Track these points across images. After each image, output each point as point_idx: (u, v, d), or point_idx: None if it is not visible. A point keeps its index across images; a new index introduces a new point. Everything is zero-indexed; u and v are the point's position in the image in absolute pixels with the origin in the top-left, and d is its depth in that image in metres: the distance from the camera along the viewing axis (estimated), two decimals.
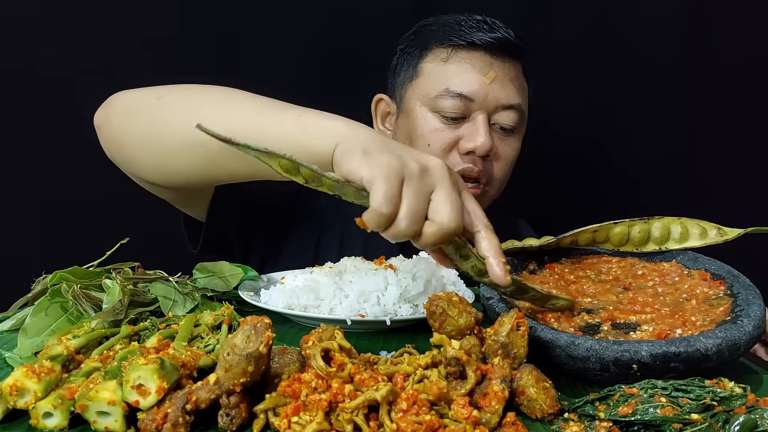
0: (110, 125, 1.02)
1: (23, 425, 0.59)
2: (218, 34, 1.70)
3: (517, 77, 1.27)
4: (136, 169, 1.03)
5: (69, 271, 0.87)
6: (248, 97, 0.92)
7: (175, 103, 0.95)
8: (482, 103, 1.22)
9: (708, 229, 0.95)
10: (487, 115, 1.23)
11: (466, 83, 1.22)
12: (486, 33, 1.23)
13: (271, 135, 0.83)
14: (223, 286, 0.96)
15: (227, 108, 0.91)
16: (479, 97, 1.22)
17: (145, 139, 0.97)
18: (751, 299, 0.79)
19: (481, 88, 1.22)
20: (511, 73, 1.26)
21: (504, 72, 1.25)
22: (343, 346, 0.63)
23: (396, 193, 0.70)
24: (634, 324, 0.79)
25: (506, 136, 1.27)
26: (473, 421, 0.56)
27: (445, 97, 1.22)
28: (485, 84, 1.22)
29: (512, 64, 1.27)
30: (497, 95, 1.23)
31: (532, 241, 0.97)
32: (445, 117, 1.23)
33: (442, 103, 1.23)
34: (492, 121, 1.24)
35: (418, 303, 0.90)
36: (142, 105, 0.98)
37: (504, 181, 1.31)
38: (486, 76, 1.22)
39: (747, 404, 0.60)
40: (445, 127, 1.24)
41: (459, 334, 0.70)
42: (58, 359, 0.64)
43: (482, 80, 1.22)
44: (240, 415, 0.58)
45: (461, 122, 1.24)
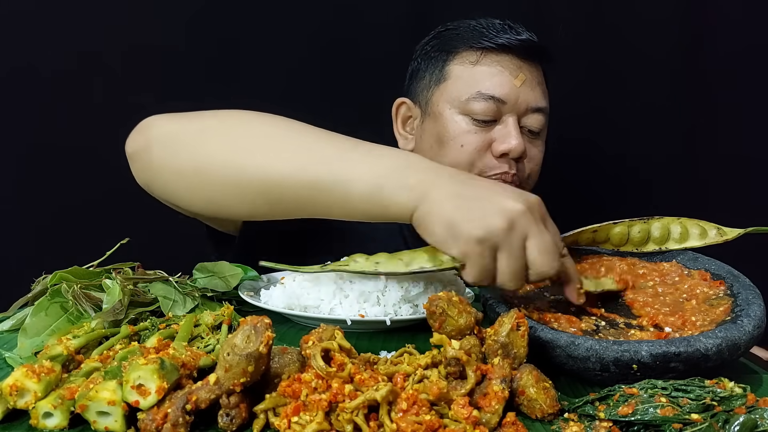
0: (148, 155, 0.96)
1: (23, 425, 0.59)
2: (219, 34, 1.70)
3: (542, 80, 1.28)
4: (177, 201, 0.99)
5: (69, 271, 0.87)
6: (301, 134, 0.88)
7: (217, 138, 0.91)
8: (513, 105, 1.22)
9: (708, 229, 0.95)
10: (517, 118, 1.23)
11: (497, 86, 1.22)
12: (513, 35, 1.23)
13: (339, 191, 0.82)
14: (223, 286, 0.96)
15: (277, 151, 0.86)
16: (511, 100, 1.22)
17: (188, 173, 0.92)
18: (751, 299, 0.79)
19: (512, 90, 1.22)
20: (538, 76, 1.27)
21: (532, 75, 1.25)
22: (343, 346, 0.63)
23: (489, 266, 0.77)
24: (634, 324, 0.79)
25: (533, 138, 1.27)
26: (473, 421, 0.56)
27: (477, 100, 1.22)
28: (516, 86, 1.22)
29: (538, 68, 1.28)
30: (527, 98, 1.23)
31: None
32: (476, 120, 1.23)
33: (474, 105, 1.22)
34: (521, 123, 1.24)
35: (418, 303, 0.90)
36: (183, 137, 0.94)
37: (534, 184, 1.31)
38: (516, 78, 1.22)
39: (747, 404, 0.60)
40: (478, 129, 1.23)
41: (459, 334, 0.70)
42: (58, 359, 0.64)
43: (513, 82, 1.22)
44: (240, 415, 0.58)
45: (492, 125, 1.23)
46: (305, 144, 0.88)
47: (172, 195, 0.98)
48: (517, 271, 0.77)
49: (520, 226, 0.77)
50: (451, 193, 0.79)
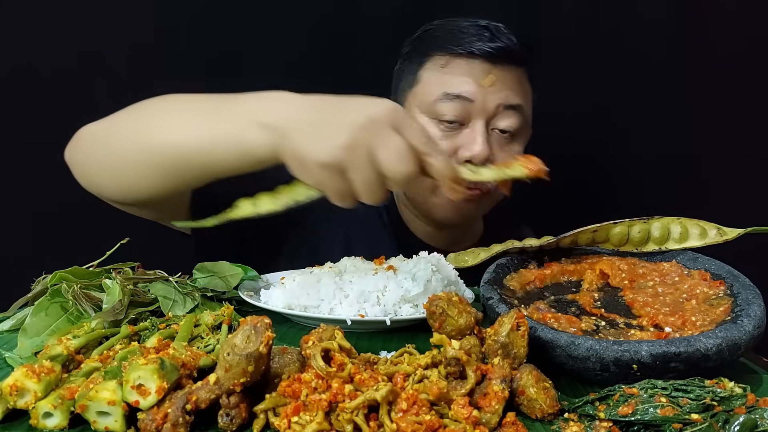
0: (76, 158, 1.06)
1: (23, 425, 0.59)
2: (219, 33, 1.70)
3: (518, 81, 1.25)
4: (104, 193, 1.06)
5: (69, 271, 0.87)
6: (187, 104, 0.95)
7: (123, 126, 0.99)
8: (481, 105, 1.20)
9: (708, 229, 0.95)
10: (486, 121, 1.21)
11: (463, 85, 1.21)
12: (485, 42, 1.21)
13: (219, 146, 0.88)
14: (223, 286, 0.96)
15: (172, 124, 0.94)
16: (478, 99, 1.20)
17: (104, 164, 1.01)
18: (751, 299, 0.79)
19: (480, 90, 1.20)
20: (511, 77, 1.24)
21: (503, 76, 1.23)
22: (343, 346, 0.63)
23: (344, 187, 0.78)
24: (634, 324, 0.79)
25: (507, 141, 1.24)
26: (473, 421, 0.56)
27: (443, 101, 1.21)
28: (483, 87, 1.20)
29: (513, 70, 1.25)
30: (496, 97, 1.21)
31: (532, 241, 0.97)
32: (444, 123, 1.21)
33: (441, 107, 1.21)
34: (491, 125, 1.22)
35: (418, 303, 0.90)
36: (98, 133, 1.02)
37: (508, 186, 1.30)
38: (485, 79, 1.20)
39: (747, 404, 0.60)
40: (446, 136, 1.22)
41: (459, 334, 0.70)
42: (58, 359, 0.64)
43: (480, 83, 1.20)
44: (240, 415, 0.58)
45: (460, 129, 1.22)
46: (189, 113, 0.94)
47: (101, 189, 1.05)
48: (373, 185, 0.78)
49: (362, 140, 0.76)
50: (301, 122, 0.81)
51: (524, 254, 0.98)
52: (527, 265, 0.95)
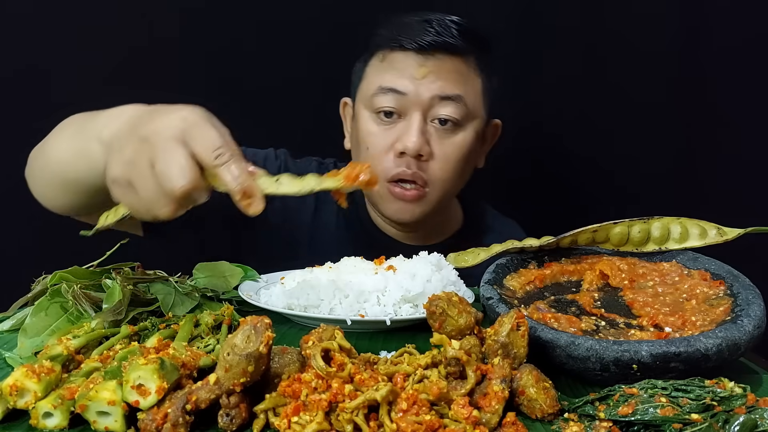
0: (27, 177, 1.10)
1: (23, 425, 0.59)
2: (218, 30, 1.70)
3: (457, 71, 1.24)
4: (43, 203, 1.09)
5: (69, 271, 0.87)
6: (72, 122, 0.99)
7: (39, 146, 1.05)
8: (416, 96, 1.21)
9: (708, 229, 0.95)
10: (423, 113, 1.21)
11: (397, 78, 1.22)
12: (419, 36, 1.21)
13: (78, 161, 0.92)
14: (223, 286, 0.96)
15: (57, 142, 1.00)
16: (411, 91, 1.20)
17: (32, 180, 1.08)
18: (751, 299, 0.79)
19: (413, 82, 1.21)
20: (448, 67, 1.23)
21: (440, 67, 1.22)
22: (343, 346, 0.63)
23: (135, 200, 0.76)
24: (634, 324, 0.79)
25: (447, 132, 1.23)
26: (473, 421, 0.56)
27: (378, 94, 1.22)
28: (417, 79, 1.21)
29: (452, 60, 1.24)
30: (431, 87, 1.21)
31: (532, 241, 0.97)
32: (382, 117, 1.22)
33: (377, 100, 1.22)
34: (430, 117, 1.22)
35: (418, 303, 0.90)
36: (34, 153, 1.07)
37: (450, 181, 1.26)
38: (417, 71, 1.21)
39: (747, 404, 0.60)
40: (381, 130, 1.23)
41: (459, 334, 0.70)
42: (58, 359, 0.64)
43: (413, 77, 1.21)
44: (240, 415, 0.58)
45: (397, 122, 1.22)
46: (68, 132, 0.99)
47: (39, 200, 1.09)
48: (154, 198, 0.74)
49: (141, 154, 0.74)
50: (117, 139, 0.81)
51: (524, 254, 0.98)
52: (527, 265, 0.95)
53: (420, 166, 1.22)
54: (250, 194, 0.73)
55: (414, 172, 1.21)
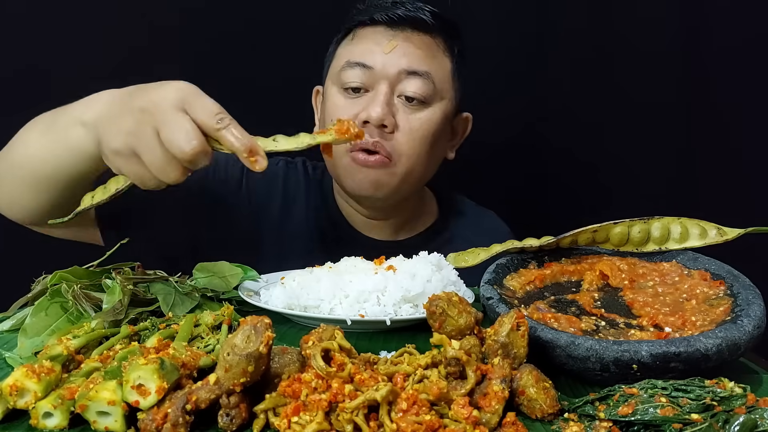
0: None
1: (23, 425, 0.59)
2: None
3: (426, 48, 1.24)
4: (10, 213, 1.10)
5: (69, 271, 0.87)
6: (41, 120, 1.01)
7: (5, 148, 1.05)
8: (382, 70, 1.20)
9: (708, 229, 0.95)
10: (390, 86, 1.21)
11: (365, 53, 1.22)
12: (388, 10, 1.23)
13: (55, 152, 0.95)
14: (223, 286, 0.96)
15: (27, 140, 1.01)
16: (378, 64, 1.20)
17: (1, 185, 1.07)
18: (751, 299, 0.79)
19: (380, 56, 1.21)
20: (417, 43, 1.23)
21: (408, 42, 1.22)
22: (343, 346, 0.63)
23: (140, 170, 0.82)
24: (634, 324, 0.79)
25: (414, 108, 1.22)
26: (473, 421, 0.56)
27: (345, 69, 1.22)
28: (384, 53, 1.20)
29: (420, 37, 1.24)
30: (398, 62, 1.20)
31: (532, 241, 0.97)
32: (349, 91, 1.22)
33: (345, 75, 1.22)
34: (397, 92, 1.22)
35: (418, 303, 0.90)
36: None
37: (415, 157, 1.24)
38: (385, 45, 1.21)
39: (747, 404, 0.60)
40: (348, 102, 1.22)
41: (459, 334, 0.70)
42: (58, 359, 0.64)
43: (382, 49, 1.21)
44: (240, 415, 0.58)
45: (364, 95, 1.22)
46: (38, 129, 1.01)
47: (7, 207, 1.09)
48: (162, 164, 0.80)
49: (145, 123, 0.80)
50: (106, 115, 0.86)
51: (524, 254, 0.98)
52: (527, 265, 0.95)
53: (383, 136, 1.20)
54: (254, 152, 0.80)
55: (376, 141, 1.19)
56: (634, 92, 1.81)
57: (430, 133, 1.24)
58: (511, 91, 1.78)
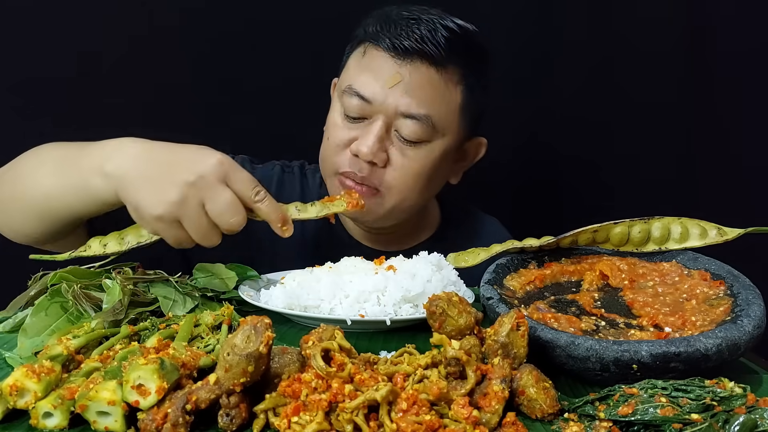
0: None
1: (23, 425, 0.59)
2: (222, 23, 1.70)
3: (431, 86, 1.15)
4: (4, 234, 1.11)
5: (69, 271, 0.87)
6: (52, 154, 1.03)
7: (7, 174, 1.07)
8: (380, 106, 1.14)
9: (708, 229, 0.95)
10: (386, 122, 1.15)
11: (367, 84, 1.15)
12: (400, 38, 1.14)
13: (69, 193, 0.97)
14: (222, 286, 0.96)
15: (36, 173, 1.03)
16: (377, 101, 1.14)
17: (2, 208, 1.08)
18: (751, 299, 0.79)
19: (381, 91, 1.14)
20: (422, 80, 1.14)
21: (413, 78, 1.14)
22: (343, 346, 0.63)
23: (180, 234, 0.89)
24: (634, 324, 0.79)
25: (409, 146, 1.16)
26: (473, 421, 0.56)
27: (347, 94, 1.17)
28: (386, 88, 1.14)
29: (428, 71, 1.15)
30: (397, 102, 1.13)
31: (532, 241, 0.97)
32: (348, 115, 1.18)
33: (345, 100, 1.18)
34: (393, 127, 1.16)
35: (418, 303, 0.90)
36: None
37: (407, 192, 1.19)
38: (388, 79, 1.14)
39: (747, 404, 0.60)
40: (345, 125, 1.18)
41: (459, 334, 0.70)
42: (58, 359, 0.64)
43: (384, 84, 1.14)
44: (240, 415, 0.58)
45: (362, 122, 1.17)
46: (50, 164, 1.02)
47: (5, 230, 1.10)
48: (206, 232, 0.89)
49: (192, 196, 0.87)
50: (137, 173, 0.90)
51: (524, 254, 0.98)
52: (527, 265, 0.95)
53: (373, 172, 1.17)
54: (286, 221, 0.93)
55: (364, 176, 1.16)
56: (635, 93, 1.81)
57: (426, 169, 1.19)
58: (515, 94, 1.78)
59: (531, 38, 1.78)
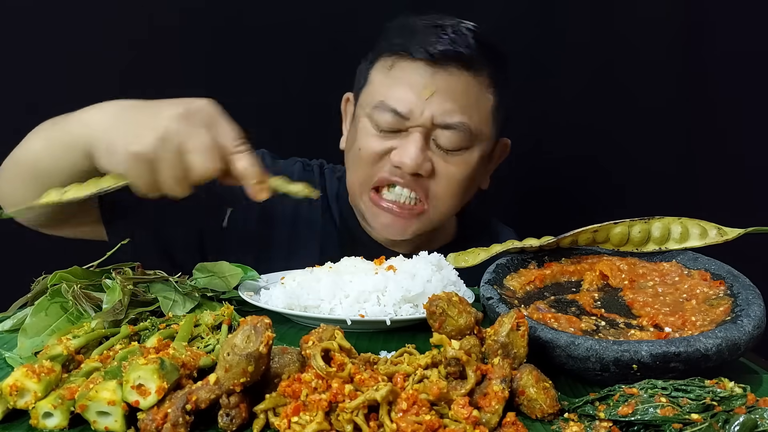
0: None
1: (23, 425, 0.59)
2: None
3: (465, 92, 1.15)
4: None
5: (69, 271, 0.87)
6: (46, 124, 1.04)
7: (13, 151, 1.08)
8: (417, 119, 1.13)
9: (708, 229, 0.95)
10: (425, 134, 1.14)
11: (401, 99, 1.14)
12: (430, 44, 1.12)
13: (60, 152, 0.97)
14: (223, 286, 0.96)
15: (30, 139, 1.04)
16: (414, 115, 1.13)
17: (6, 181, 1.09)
18: (751, 299, 0.79)
19: (417, 104, 1.13)
20: (457, 87, 1.14)
21: (448, 85, 1.13)
22: (343, 346, 0.63)
23: (150, 177, 0.84)
24: (634, 324, 0.79)
25: (450, 155, 1.16)
26: (473, 421, 0.56)
27: (380, 110, 1.15)
28: (422, 99, 1.13)
29: (462, 77, 1.15)
30: (434, 112, 1.13)
31: (532, 241, 0.97)
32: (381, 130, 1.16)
33: (378, 116, 1.15)
34: (432, 137, 1.15)
35: (418, 303, 0.90)
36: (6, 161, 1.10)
37: (451, 201, 1.21)
38: (424, 89, 1.13)
39: (747, 404, 0.60)
40: (380, 136, 1.16)
41: (459, 334, 0.70)
42: (58, 359, 0.64)
43: (419, 95, 1.13)
44: (240, 415, 0.58)
45: (397, 134, 1.16)
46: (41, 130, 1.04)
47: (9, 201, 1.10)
48: (178, 177, 0.84)
49: (172, 134, 0.83)
50: (115, 118, 0.89)
51: (524, 254, 0.98)
52: (527, 265, 0.95)
53: (418, 184, 1.16)
54: (263, 180, 0.86)
55: (411, 188, 1.16)
56: (636, 94, 1.81)
57: (467, 176, 1.19)
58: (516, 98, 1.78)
59: (527, 40, 1.78)
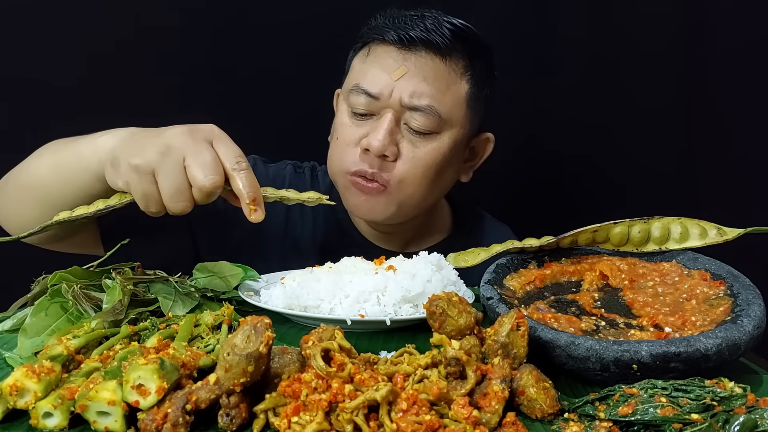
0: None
1: (23, 425, 0.59)
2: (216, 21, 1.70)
3: (436, 77, 1.17)
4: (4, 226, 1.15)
5: (69, 271, 0.87)
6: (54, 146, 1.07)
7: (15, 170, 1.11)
8: (387, 101, 1.16)
9: (708, 229, 0.95)
10: (395, 115, 1.16)
11: (373, 80, 1.17)
12: (405, 30, 1.16)
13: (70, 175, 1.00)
14: (223, 286, 0.96)
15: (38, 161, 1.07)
16: (384, 95, 1.15)
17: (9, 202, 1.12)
18: (751, 299, 0.79)
19: (387, 85, 1.15)
20: (428, 71, 1.16)
21: (418, 69, 1.16)
22: (343, 346, 0.63)
23: (150, 190, 0.86)
24: (634, 324, 0.79)
25: (419, 138, 1.18)
26: (473, 421, 0.56)
27: (354, 93, 1.18)
28: (392, 80, 1.15)
29: (434, 62, 1.17)
30: (403, 93, 1.15)
31: (532, 241, 0.97)
32: (355, 113, 1.19)
33: (352, 98, 1.19)
34: (402, 120, 1.17)
35: (418, 303, 0.90)
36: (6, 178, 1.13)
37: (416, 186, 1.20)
38: (395, 71, 1.15)
39: (747, 404, 0.60)
40: (353, 123, 1.19)
41: (459, 334, 0.70)
42: (58, 359, 0.64)
43: (390, 77, 1.16)
44: (240, 415, 0.58)
45: (370, 119, 1.19)
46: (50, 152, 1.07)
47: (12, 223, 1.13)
48: (178, 191, 0.86)
49: (175, 148, 0.86)
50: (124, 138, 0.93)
51: (524, 254, 0.98)
52: (527, 265, 0.95)
53: (383, 166, 1.17)
54: (257, 202, 0.88)
55: (374, 171, 1.17)
56: (634, 93, 1.81)
57: (436, 162, 1.19)
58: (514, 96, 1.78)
59: (525, 35, 1.78)
